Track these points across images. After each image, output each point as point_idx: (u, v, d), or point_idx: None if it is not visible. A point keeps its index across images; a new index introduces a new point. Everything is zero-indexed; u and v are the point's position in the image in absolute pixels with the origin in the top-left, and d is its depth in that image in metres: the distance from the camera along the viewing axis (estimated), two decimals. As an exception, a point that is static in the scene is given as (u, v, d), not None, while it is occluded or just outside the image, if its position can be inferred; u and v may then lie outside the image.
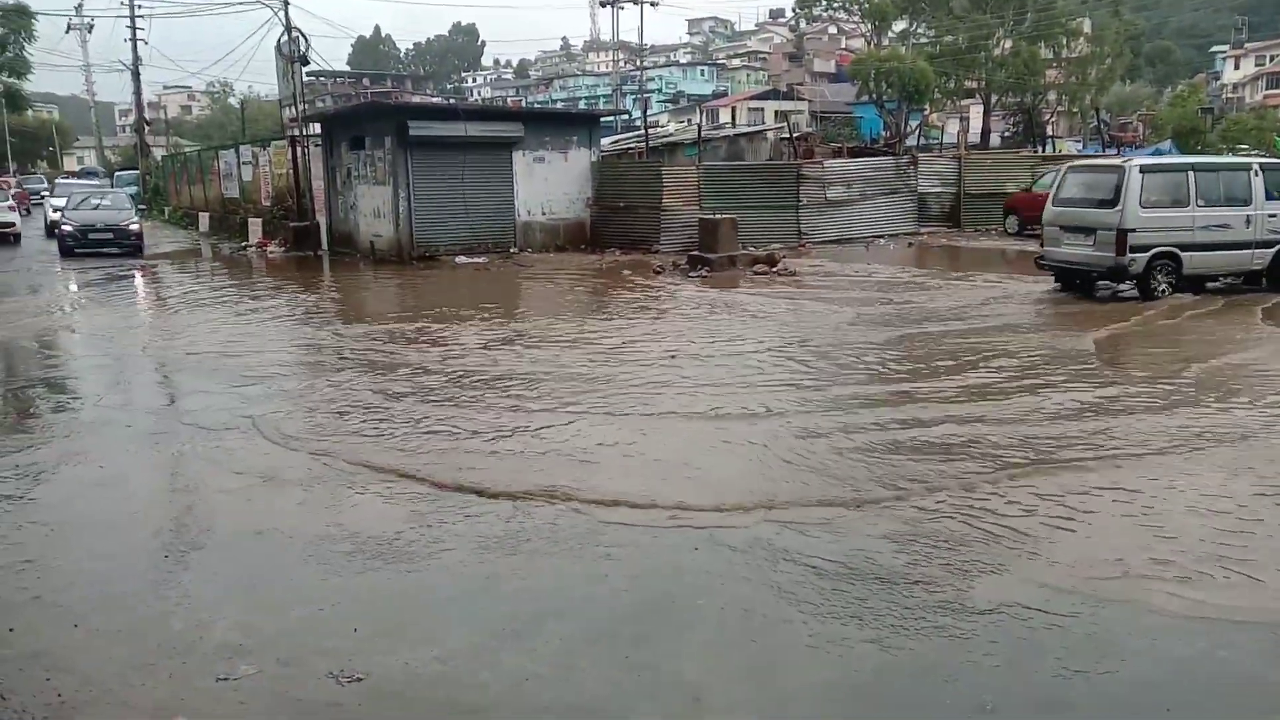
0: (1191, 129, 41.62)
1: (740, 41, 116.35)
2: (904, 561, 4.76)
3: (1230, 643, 3.96)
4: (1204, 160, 16.25)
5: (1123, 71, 49.81)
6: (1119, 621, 4.14)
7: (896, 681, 3.76)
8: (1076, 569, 4.64)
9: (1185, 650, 3.92)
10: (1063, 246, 13.57)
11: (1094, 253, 12.91)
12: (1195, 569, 4.61)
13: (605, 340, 10.89)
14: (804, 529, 5.19)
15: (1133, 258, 12.52)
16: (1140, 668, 3.78)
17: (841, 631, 4.09)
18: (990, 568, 4.68)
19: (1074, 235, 13.30)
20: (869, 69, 43.83)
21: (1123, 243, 12.44)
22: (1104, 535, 5.07)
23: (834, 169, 24.20)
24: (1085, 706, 3.54)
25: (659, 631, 4.17)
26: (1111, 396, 7.88)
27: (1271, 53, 72.70)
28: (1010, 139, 49.73)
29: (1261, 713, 3.52)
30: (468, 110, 25.94)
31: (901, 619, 4.17)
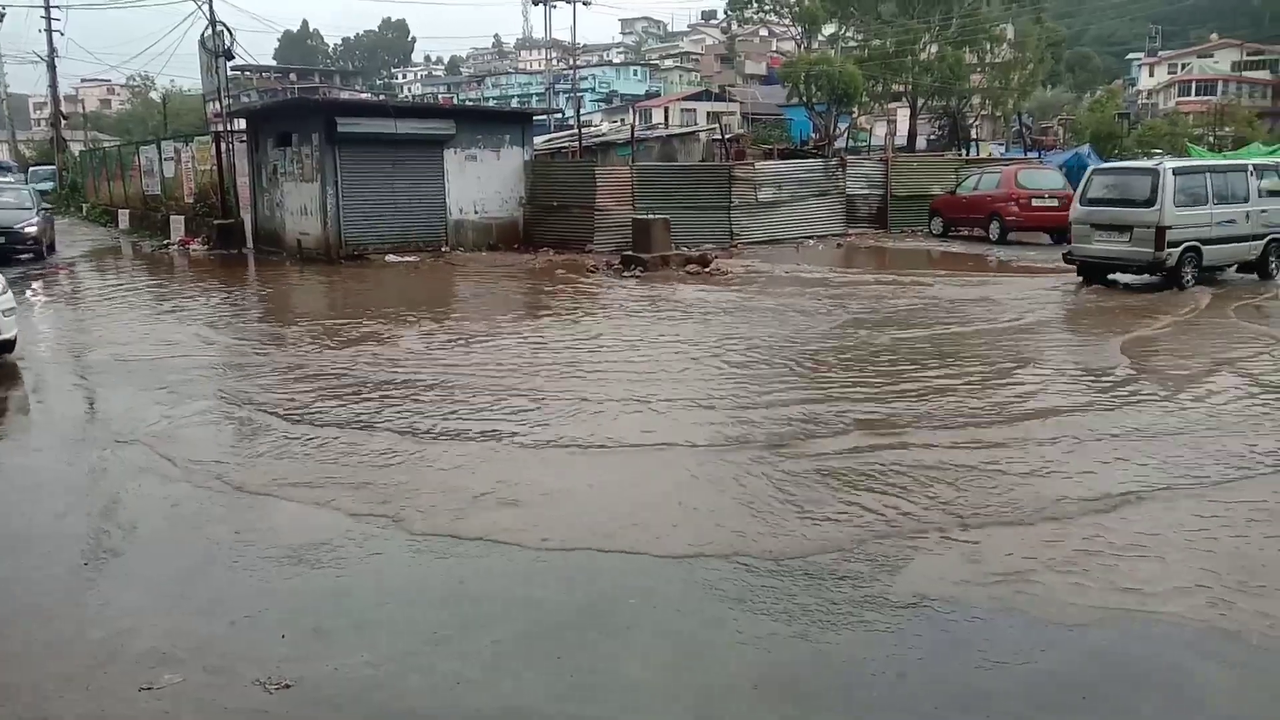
0: (1109, 134, 42.98)
1: (673, 42, 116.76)
2: (831, 558, 4.84)
3: (1144, 635, 4.11)
4: (1218, 163, 17.86)
5: (1044, 77, 51.18)
6: (1038, 614, 4.26)
7: (823, 675, 3.82)
8: (995, 565, 4.77)
9: (1100, 641, 4.05)
10: (1094, 243, 14.79)
11: (1130, 248, 14.15)
12: (1112, 563, 4.78)
13: (539, 342, 10.86)
14: (734, 527, 5.26)
15: (1169, 252, 13.76)
16: (1056, 658, 3.91)
17: (770, 627, 4.16)
18: (913, 562, 4.78)
19: (1107, 232, 14.53)
20: (799, 72, 44.30)
21: (1161, 239, 13.68)
22: (1027, 525, 5.22)
23: (765, 171, 24.46)
24: (1005, 696, 3.64)
25: (592, 634, 4.19)
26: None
27: (1183, 61, 75.46)
28: (936, 142, 50.73)
29: (1172, 700, 3.65)
30: (398, 107, 25.63)
31: (828, 614, 4.26)
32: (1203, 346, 10.24)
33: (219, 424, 7.65)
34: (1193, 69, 73.31)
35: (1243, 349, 10.03)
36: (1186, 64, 74.67)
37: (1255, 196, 14.73)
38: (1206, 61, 73.56)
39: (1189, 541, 5.02)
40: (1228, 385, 8.39)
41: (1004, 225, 21.58)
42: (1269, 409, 7.57)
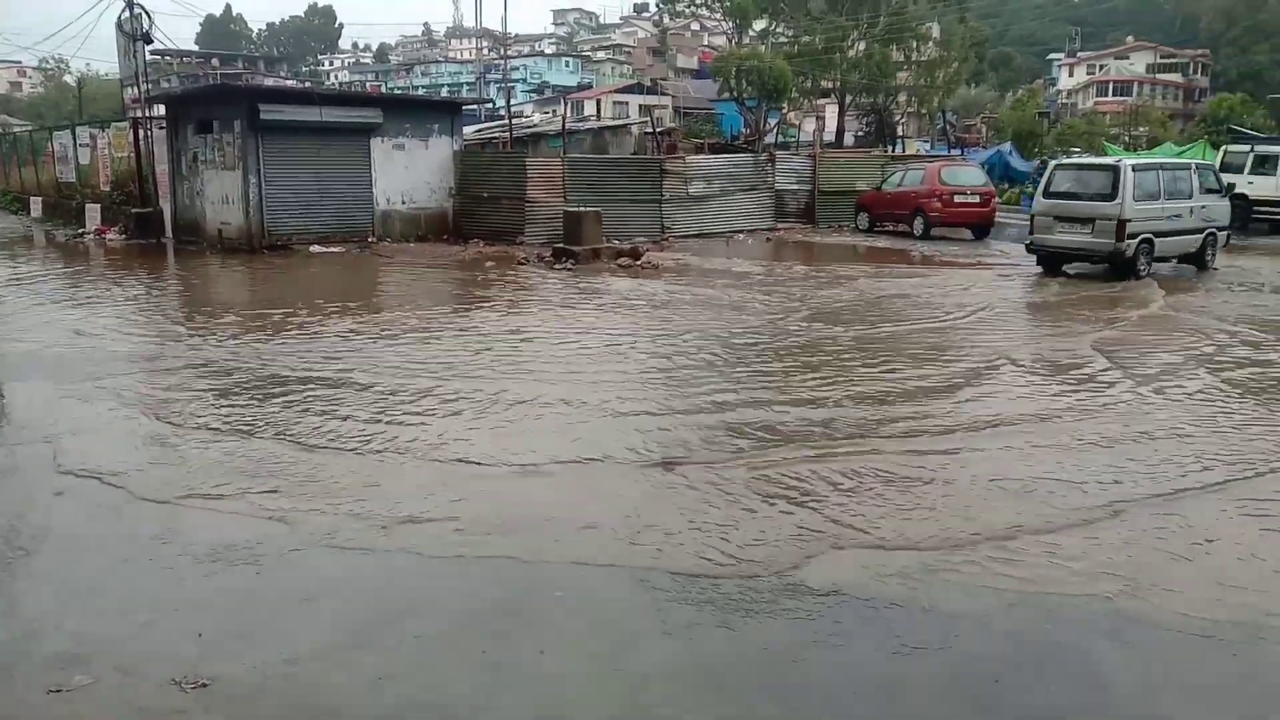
0: (1030, 132, 44.08)
1: (605, 34, 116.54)
2: (757, 549, 4.90)
3: (1058, 616, 4.24)
4: (1168, 161, 18.74)
5: (968, 75, 52.29)
6: (952, 599, 4.37)
7: (745, 664, 3.87)
8: (912, 550, 4.89)
9: (1012, 624, 4.17)
10: (1056, 234, 15.63)
11: (1092, 239, 15.01)
12: (1027, 546, 4.93)
13: (465, 337, 10.76)
14: (657, 517, 5.29)
15: (1128, 243, 14.69)
16: (971, 642, 4.02)
17: (695, 616, 4.20)
18: (830, 551, 4.87)
19: (1069, 224, 15.40)
20: (730, 67, 44.57)
21: (1122, 230, 14.61)
22: (939, 515, 5.35)
23: (696, 165, 24.59)
24: (922, 681, 3.73)
25: (516, 627, 4.18)
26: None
27: (1101, 62, 77.68)
28: (864, 138, 51.50)
29: (1084, 683, 3.77)
30: (323, 94, 25.15)
31: (751, 603, 4.31)
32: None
33: (127, 421, 7.42)
34: (1110, 70, 75.56)
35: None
36: (1104, 65, 76.93)
37: (1197, 194, 15.89)
38: (1123, 63, 75.88)
39: (1107, 532, 5.19)
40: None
41: (928, 221, 22.00)
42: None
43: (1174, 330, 11.20)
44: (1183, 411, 7.50)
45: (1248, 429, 7.02)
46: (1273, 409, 7.64)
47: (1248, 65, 64.09)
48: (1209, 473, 6.08)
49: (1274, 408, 7.69)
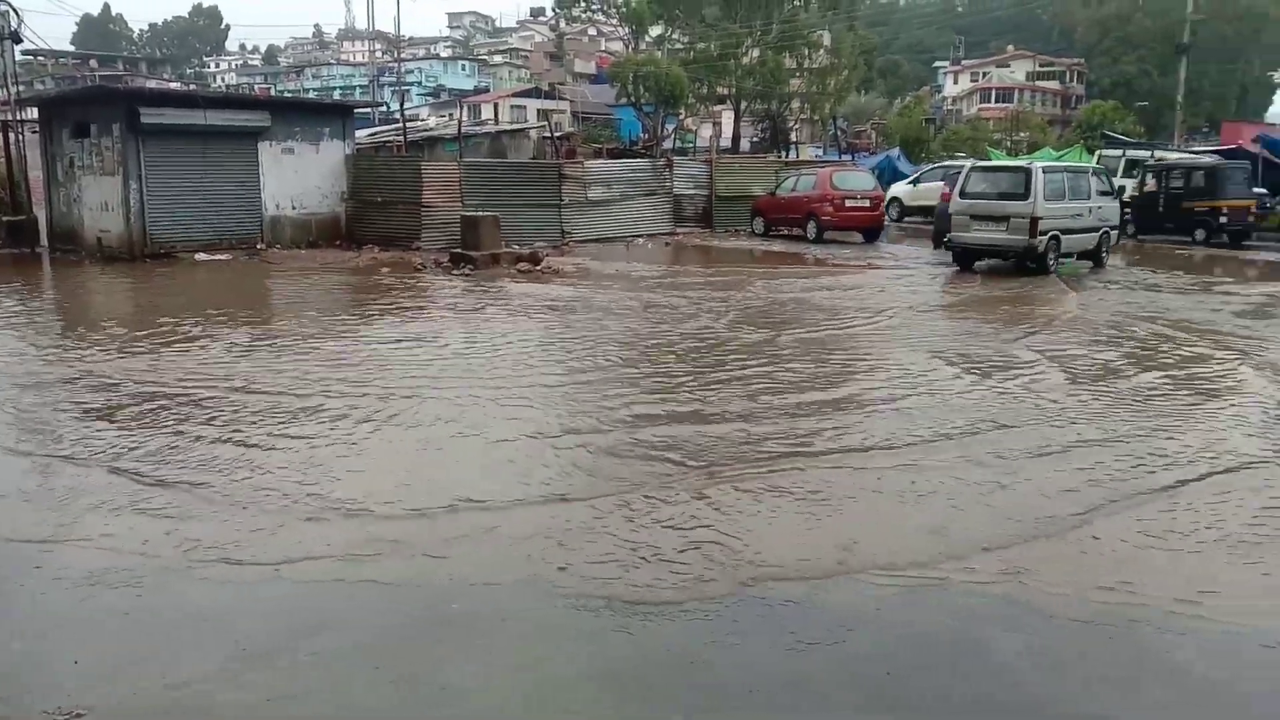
0: (917, 138, 45.42)
1: (502, 38, 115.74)
2: (657, 553, 4.92)
3: (953, 609, 4.37)
4: (1070, 165, 19.81)
5: (858, 83, 53.51)
6: (845, 596, 4.47)
7: (648, 666, 3.88)
8: (801, 552, 4.98)
9: (905, 617, 4.29)
10: (973, 232, 16.61)
11: (1007, 236, 16.01)
12: (909, 541, 5.07)
13: (355, 348, 10.52)
14: (552, 524, 5.28)
15: (1040, 239, 15.71)
16: (864, 637, 4.11)
17: (595, 624, 4.20)
18: (725, 553, 4.92)
19: (984, 223, 16.40)
20: (627, 72, 44.79)
21: (1034, 228, 15.61)
22: (834, 521, 5.47)
23: (595, 169, 24.64)
24: (818, 677, 3.80)
25: (419, 639, 4.11)
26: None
27: (984, 70, 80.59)
28: (759, 144, 52.36)
29: (971, 675, 3.89)
30: (208, 97, 24.38)
31: (645, 608, 4.33)
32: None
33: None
34: (992, 78, 78.45)
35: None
36: (987, 73, 79.84)
37: (1094, 195, 17.16)
38: (1004, 71, 78.87)
39: (989, 506, 5.38)
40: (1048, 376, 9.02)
41: (820, 224, 22.49)
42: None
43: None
44: (1105, 407, 7.82)
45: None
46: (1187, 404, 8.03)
47: (1119, 74, 67.26)
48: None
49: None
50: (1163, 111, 52.19)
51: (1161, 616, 4.25)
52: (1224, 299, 14.12)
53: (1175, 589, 4.51)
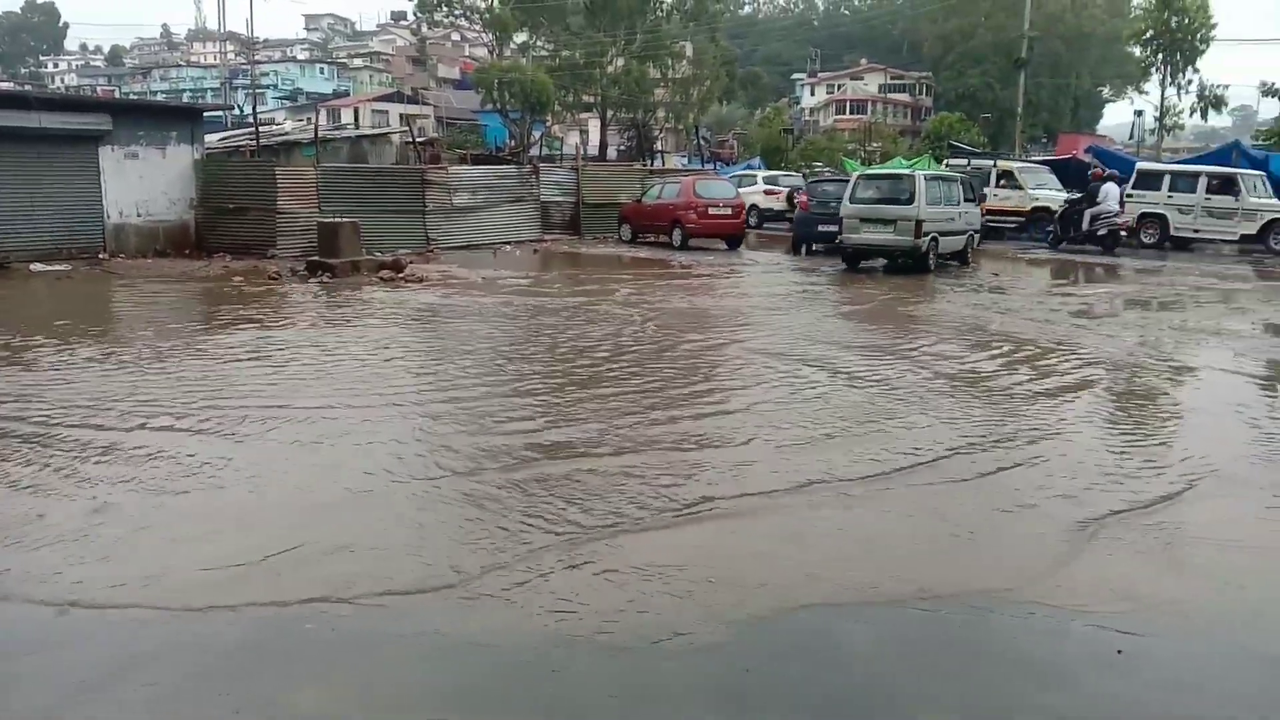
0: (777, 148, 46.65)
1: (362, 41, 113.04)
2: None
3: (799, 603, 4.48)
4: (944, 173, 21.24)
5: (720, 93, 54.62)
6: (704, 602, 4.53)
7: (504, 680, 3.84)
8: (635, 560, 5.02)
9: (748, 616, 4.36)
10: (863, 234, 17.93)
11: (895, 237, 17.51)
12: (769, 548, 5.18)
13: (198, 366, 10.03)
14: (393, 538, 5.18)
15: (923, 240, 17.24)
16: (708, 638, 4.15)
17: (444, 641, 4.13)
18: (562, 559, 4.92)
19: (874, 225, 17.76)
20: (492, 78, 44.48)
21: (919, 229, 17.12)
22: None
23: (459, 175, 24.35)
24: (670, 683, 3.82)
25: (260, 663, 3.95)
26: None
27: (839, 82, 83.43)
28: (626, 152, 52.79)
29: (823, 663, 4.00)
30: (42, 99, 22.90)
31: (485, 629, 4.28)
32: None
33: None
34: (847, 90, 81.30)
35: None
36: (842, 85, 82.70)
37: (962, 202, 18.90)
38: (858, 83, 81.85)
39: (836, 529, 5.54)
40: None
41: (685, 232, 22.84)
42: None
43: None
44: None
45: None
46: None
47: (964, 87, 70.64)
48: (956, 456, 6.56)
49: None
50: (1005, 122, 55.11)
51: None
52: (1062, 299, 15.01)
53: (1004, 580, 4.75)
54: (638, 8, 48.73)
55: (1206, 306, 14.46)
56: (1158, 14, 37.45)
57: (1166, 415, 8.14)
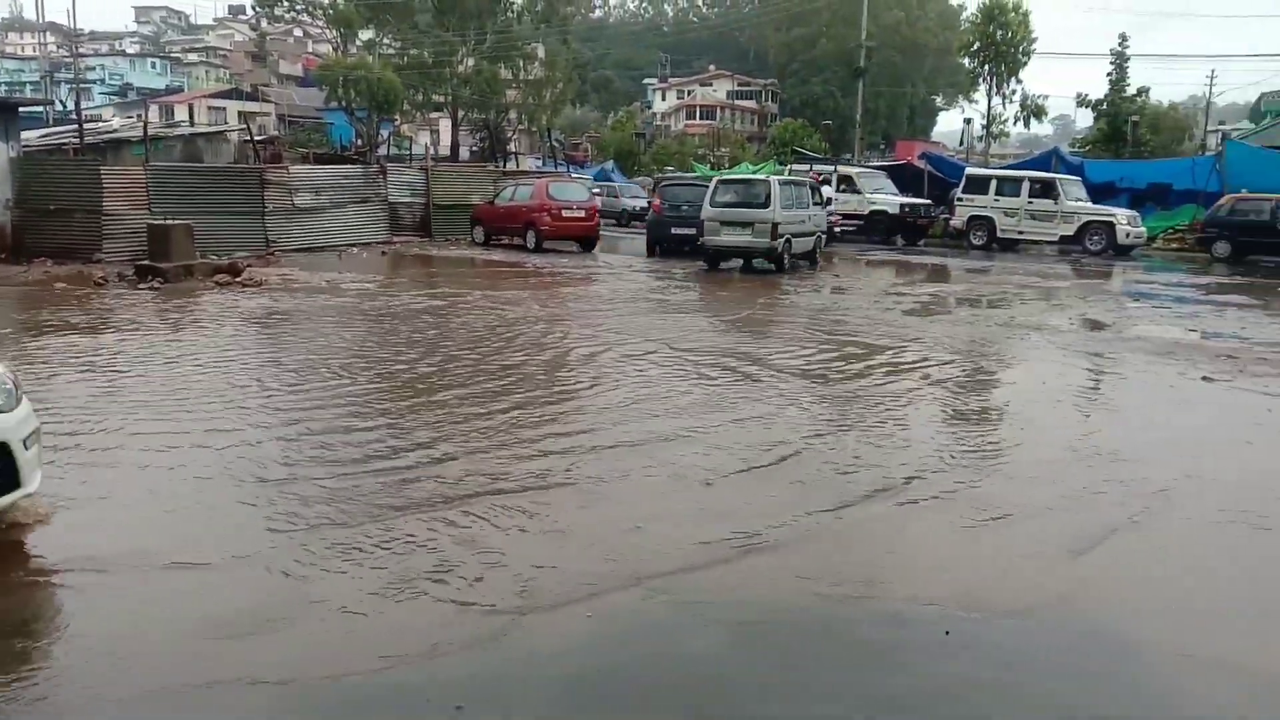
0: (629, 151, 47.11)
1: (197, 36, 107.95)
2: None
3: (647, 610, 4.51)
4: (795, 179, 21.82)
5: (572, 96, 54.78)
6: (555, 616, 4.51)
7: (369, 684, 3.72)
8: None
9: (606, 614, 4.38)
10: (723, 236, 18.53)
11: (753, 239, 18.20)
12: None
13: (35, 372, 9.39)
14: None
15: (779, 241, 17.97)
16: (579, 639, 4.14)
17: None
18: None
19: (733, 228, 18.38)
20: (337, 75, 43.28)
21: (775, 231, 17.83)
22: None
23: (301, 175, 23.54)
24: (527, 675, 3.78)
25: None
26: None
27: (689, 88, 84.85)
28: (479, 153, 52.26)
29: (674, 662, 4.04)
30: None
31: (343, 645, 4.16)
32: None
33: None
34: (696, 95, 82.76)
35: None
36: (691, 91, 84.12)
37: (810, 205, 19.75)
38: (707, 90, 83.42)
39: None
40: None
41: (539, 234, 22.77)
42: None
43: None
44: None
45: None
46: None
47: (808, 94, 73.08)
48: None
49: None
50: (846, 129, 57.29)
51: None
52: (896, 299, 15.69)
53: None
54: (487, 8, 48.39)
55: (1030, 304, 15.37)
56: (984, 28, 39.62)
57: (989, 405, 8.60)
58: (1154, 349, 11.14)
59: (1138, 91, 38.58)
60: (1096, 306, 15.28)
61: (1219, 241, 24.20)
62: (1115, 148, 36.73)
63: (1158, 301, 16.08)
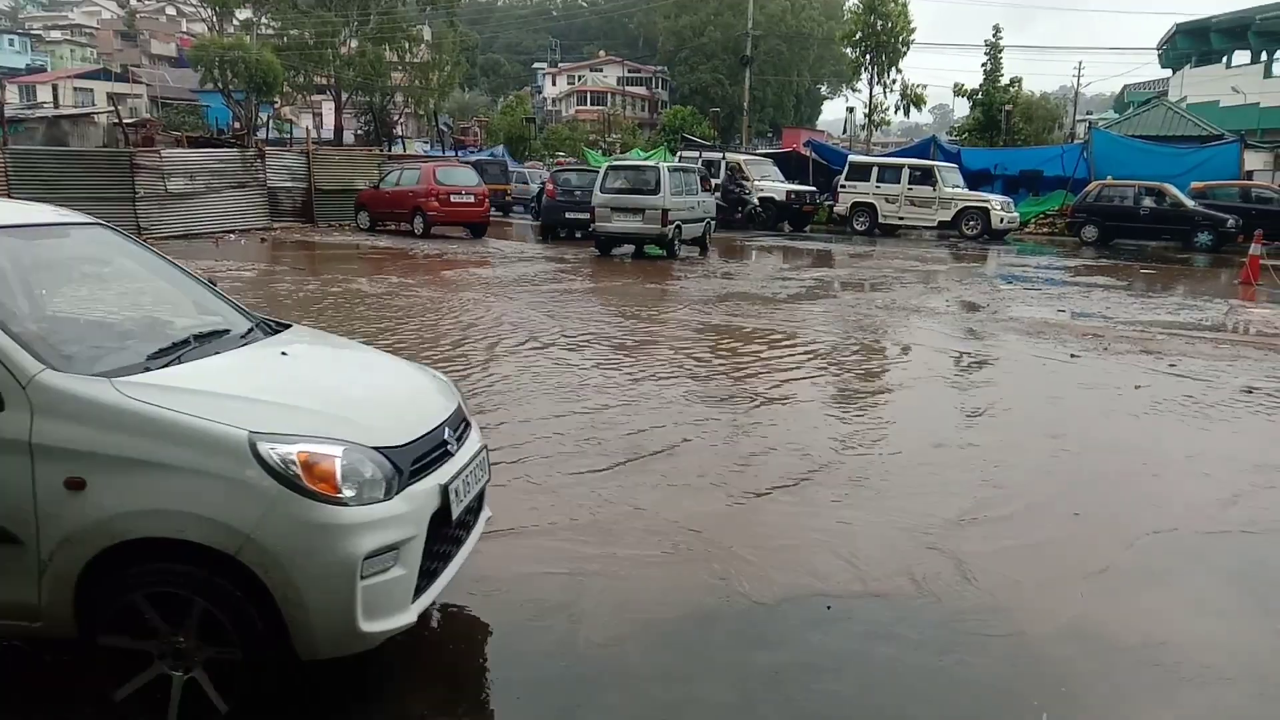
0: (520, 136, 46.69)
1: (60, 12, 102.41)
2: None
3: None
4: (686, 165, 21.98)
5: (461, 79, 53.95)
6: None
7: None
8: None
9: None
10: (615, 222, 18.56)
11: (644, 225, 18.30)
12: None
13: None
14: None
15: (669, 227, 18.15)
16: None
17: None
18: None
19: (624, 214, 18.43)
20: (213, 56, 41.68)
21: (665, 217, 18.02)
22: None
23: (174, 159, 22.62)
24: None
25: None
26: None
27: (579, 73, 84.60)
28: (364, 137, 51.05)
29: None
30: None
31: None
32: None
33: None
34: (587, 81, 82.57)
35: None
36: (582, 76, 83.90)
37: (699, 192, 20.01)
38: (598, 75, 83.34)
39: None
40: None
41: (427, 220, 22.39)
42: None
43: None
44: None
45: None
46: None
47: (697, 82, 73.65)
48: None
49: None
50: (734, 117, 58.01)
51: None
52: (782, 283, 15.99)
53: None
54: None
55: (910, 287, 15.85)
56: (865, 18, 40.55)
57: (869, 386, 8.84)
58: (1026, 328, 11.63)
59: (1011, 82, 40.07)
60: (972, 289, 15.85)
61: (1087, 226, 25.39)
62: (990, 136, 38.09)
63: (1029, 284, 16.78)
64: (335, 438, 3.11)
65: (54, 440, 2.90)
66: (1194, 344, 10.77)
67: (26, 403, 2.92)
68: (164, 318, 4.08)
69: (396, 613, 3.14)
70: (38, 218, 4.03)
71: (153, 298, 4.28)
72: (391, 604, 3.12)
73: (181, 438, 2.92)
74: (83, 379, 3.03)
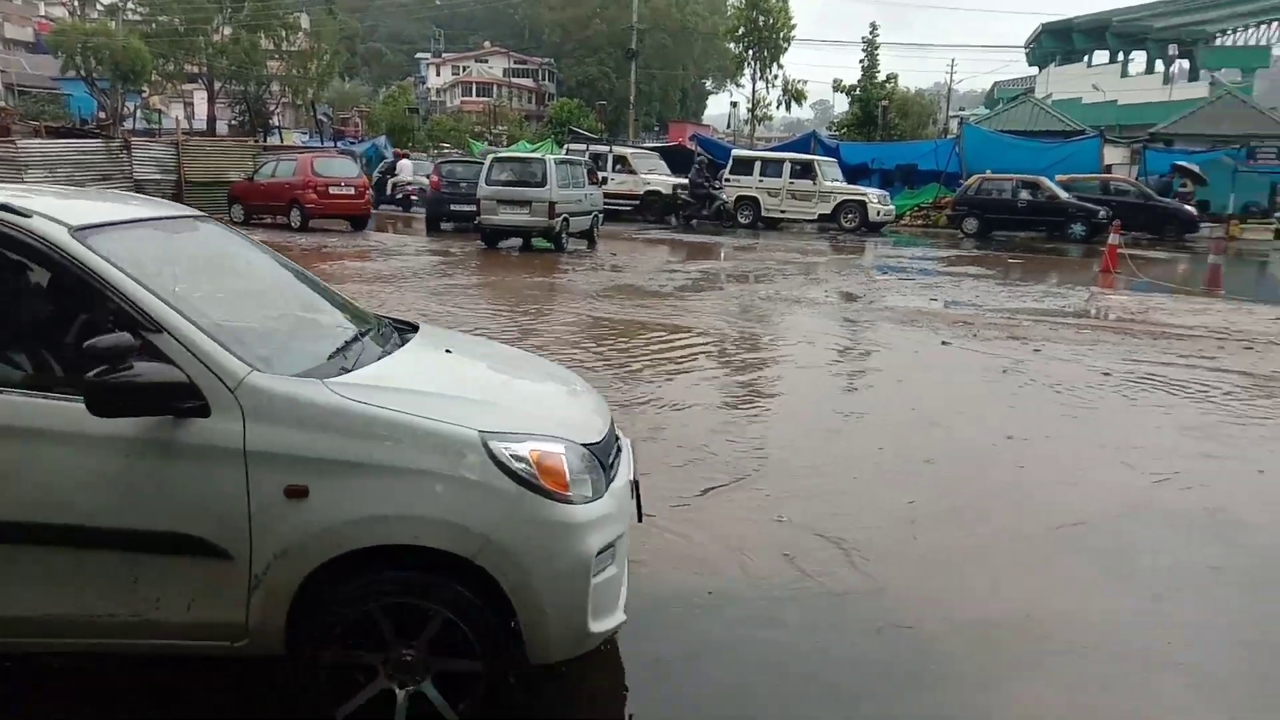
0: (403, 127, 45.82)
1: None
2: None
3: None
4: (571, 158, 22.10)
5: (341, 69, 52.63)
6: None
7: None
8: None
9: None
10: (500, 215, 18.41)
11: (530, 218, 18.15)
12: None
13: None
14: None
15: (557, 220, 18.07)
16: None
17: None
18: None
19: (510, 206, 18.26)
20: (74, 42, 39.65)
21: (552, 210, 17.93)
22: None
23: (31, 150, 21.52)
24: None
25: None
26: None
27: (464, 64, 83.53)
28: (239, 128, 49.31)
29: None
30: None
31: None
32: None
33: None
34: (472, 72, 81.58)
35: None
36: (467, 67, 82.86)
37: (586, 184, 19.92)
38: (483, 66, 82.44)
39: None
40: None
41: (305, 212, 21.76)
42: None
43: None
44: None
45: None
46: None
47: (583, 75, 73.64)
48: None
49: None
50: (621, 110, 58.16)
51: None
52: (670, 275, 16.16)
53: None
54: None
55: (792, 278, 16.20)
56: (747, 13, 41.19)
57: (754, 372, 9.02)
58: (900, 317, 12.03)
59: (887, 78, 41.28)
60: (850, 280, 16.30)
61: (968, 218, 26.38)
62: (868, 131, 39.19)
63: (904, 274, 17.35)
64: (557, 435, 3.06)
65: (272, 446, 2.71)
66: (1057, 329, 11.34)
67: (237, 407, 2.71)
68: (310, 316, 3.82)
69: (614, 611, 3.13)
70: (169, 210, 3.80)
71: (294, 295, 3.99)
72: (610, 603, 3.10)
73: (408, 439, 2.79)
74: (295, 380, 2.85)
